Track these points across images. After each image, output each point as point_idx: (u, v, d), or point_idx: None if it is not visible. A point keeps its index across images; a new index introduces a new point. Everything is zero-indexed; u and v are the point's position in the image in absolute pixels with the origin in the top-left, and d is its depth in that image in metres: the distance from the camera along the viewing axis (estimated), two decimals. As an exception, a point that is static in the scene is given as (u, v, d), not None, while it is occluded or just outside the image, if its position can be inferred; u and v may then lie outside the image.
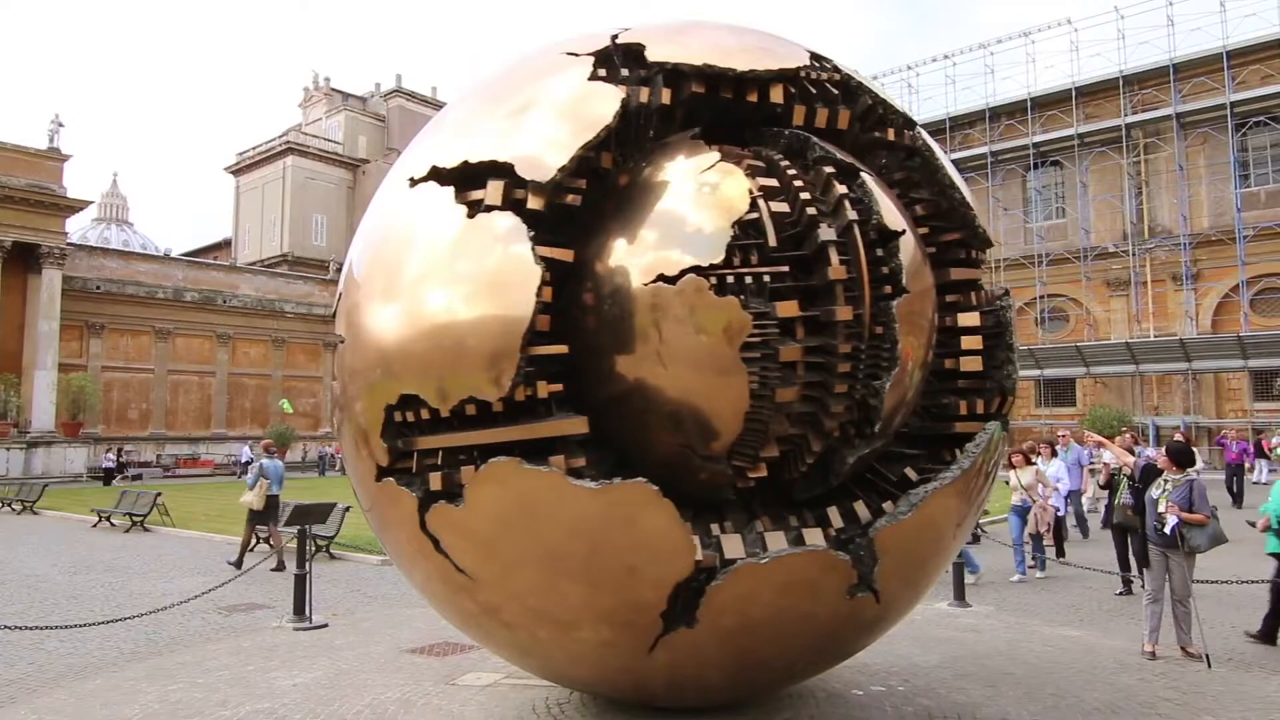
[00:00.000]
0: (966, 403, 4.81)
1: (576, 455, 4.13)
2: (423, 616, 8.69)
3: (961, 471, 4.44)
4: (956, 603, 9.50)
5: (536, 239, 4.09)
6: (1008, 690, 6.24)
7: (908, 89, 44.95)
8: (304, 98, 71.76)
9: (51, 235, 38.34)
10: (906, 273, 4.27)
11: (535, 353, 4.05)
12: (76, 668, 7.74)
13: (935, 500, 4.39)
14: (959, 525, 4.87)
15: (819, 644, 4.77)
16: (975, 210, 4.92)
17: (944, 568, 5.22)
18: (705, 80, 4.47)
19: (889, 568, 4.35)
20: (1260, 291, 36.71)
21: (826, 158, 4.37)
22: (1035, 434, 27.54)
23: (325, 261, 57.81)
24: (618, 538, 4.09)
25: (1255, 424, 33.29)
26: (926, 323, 4.49)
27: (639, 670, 4.66)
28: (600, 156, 4.36)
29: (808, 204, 4.18)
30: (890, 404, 4.26)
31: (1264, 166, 37.82)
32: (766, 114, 4.65)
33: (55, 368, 38.04)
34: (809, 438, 4.24)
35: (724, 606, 4.18)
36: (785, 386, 4.03)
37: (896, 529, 4.31)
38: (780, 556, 4.16)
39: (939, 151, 4.95)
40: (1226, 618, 8.89)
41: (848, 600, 4.35)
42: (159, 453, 42.37)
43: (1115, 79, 39.30)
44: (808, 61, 4.68)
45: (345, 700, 6.18)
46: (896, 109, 4.89)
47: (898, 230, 4.29)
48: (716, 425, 4.12)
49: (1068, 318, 41.71)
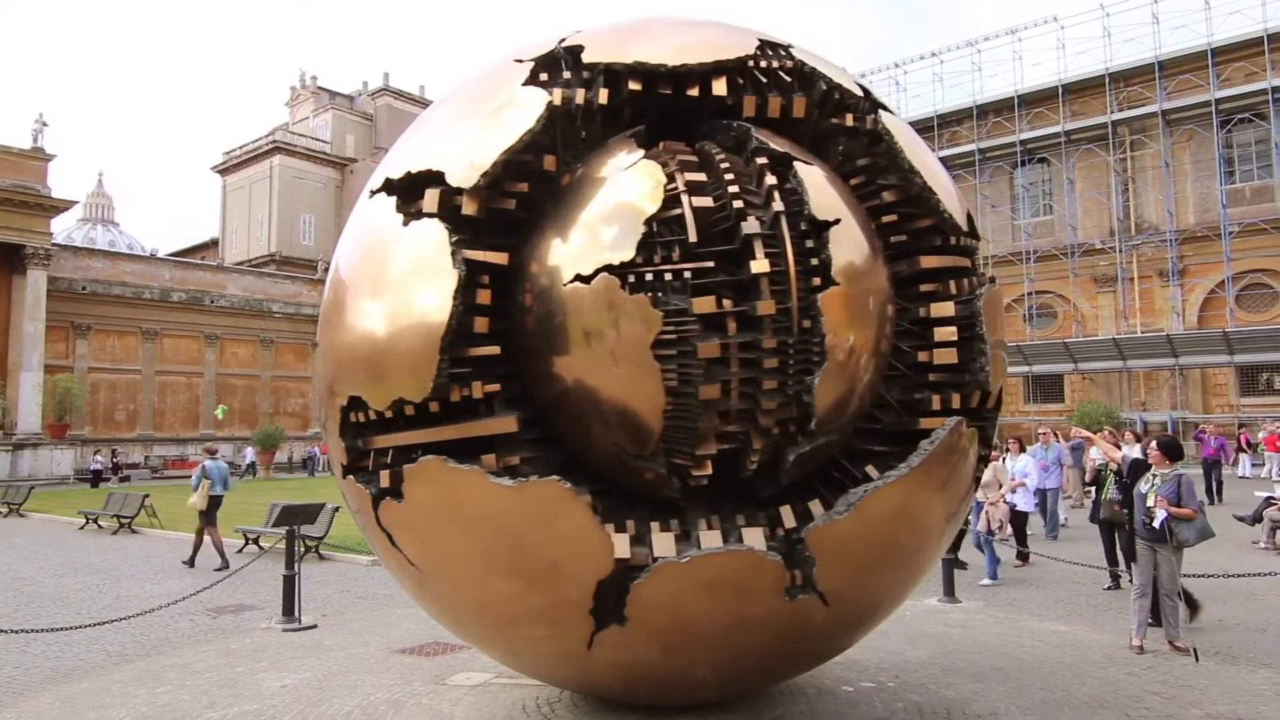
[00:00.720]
0: (940, 397, 4.58)
1: (511, 453, 4.23)
2: (412, 616, 8.66)
3: (910, 469, 4.24)
4: (946, 598, 9.54)
5: (469, 243, 4.23)
6: (997, 685, 6.26)
7: (895, 86, 45.07)
8: (291, 96, 71.45)
9: (36, 236, 38.04)
10: (847, 263, 4.17)
11: (469, 354, 4.20)
12: (63, 670, 7.69)
13: (879, 500, 4.20)
14: (946, 522, 4.78)
15: (766, 647, 4.55)
16: (946, 195, 4.68)
17: (914, 569, 4.89)
18: (641, 78, 4.47)
19: (831, 569, 4.22)
20: (1245, 287, 36.98)
21: (761, 148, 4.32)
22: (1024, 430, 27.66)
23: (313, 261, 57.58)
24: (538, 535, 4.16)
25: (1241, 419, 33.52)
26: (876, 314, 4.35)
27: (585, 667, 4.75)
28: (542, 159, 4.43)
29: (735, 197, 4.14)
30: (831, 399, 4.16)
31: (1249, 163, 38.08)
32: (719, 107, 4.59)
33: (41, 369, 37.76)
34: (751, 435, 4.18)
35: (652, 605, 4.18)
36: (708, 383, 4.01)
37: (831, 530, 4.17)
38: (701, 555, 4.10)
39: (902, 135, 4.72)
40: (1214, 612, 8.94)
41: (788, 602, 4.21)
42: (147, 454, 42.14)
43: (1101, 76, 39.51)
44: (756, 50, 4.57)
45: (335, 701, 6.15)
46: (855, 93, 4.70)
47: (829, 220, 4.15)
48: (639, 423, 4.13)
49: (1055, 314, 41.91)
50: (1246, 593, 9.93)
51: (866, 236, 4.43)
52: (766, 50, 4.62)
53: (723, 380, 4.04)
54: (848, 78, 4.80)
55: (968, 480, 4.72)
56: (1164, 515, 7.22)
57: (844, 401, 4.28)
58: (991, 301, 4.77)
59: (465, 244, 4.22)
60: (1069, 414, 34.70)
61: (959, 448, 4.47)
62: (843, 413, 4.31)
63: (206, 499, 13.56)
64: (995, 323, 4.80)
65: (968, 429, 4.48)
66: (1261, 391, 36.80)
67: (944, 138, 43.27)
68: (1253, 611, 9.21)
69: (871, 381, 4.45)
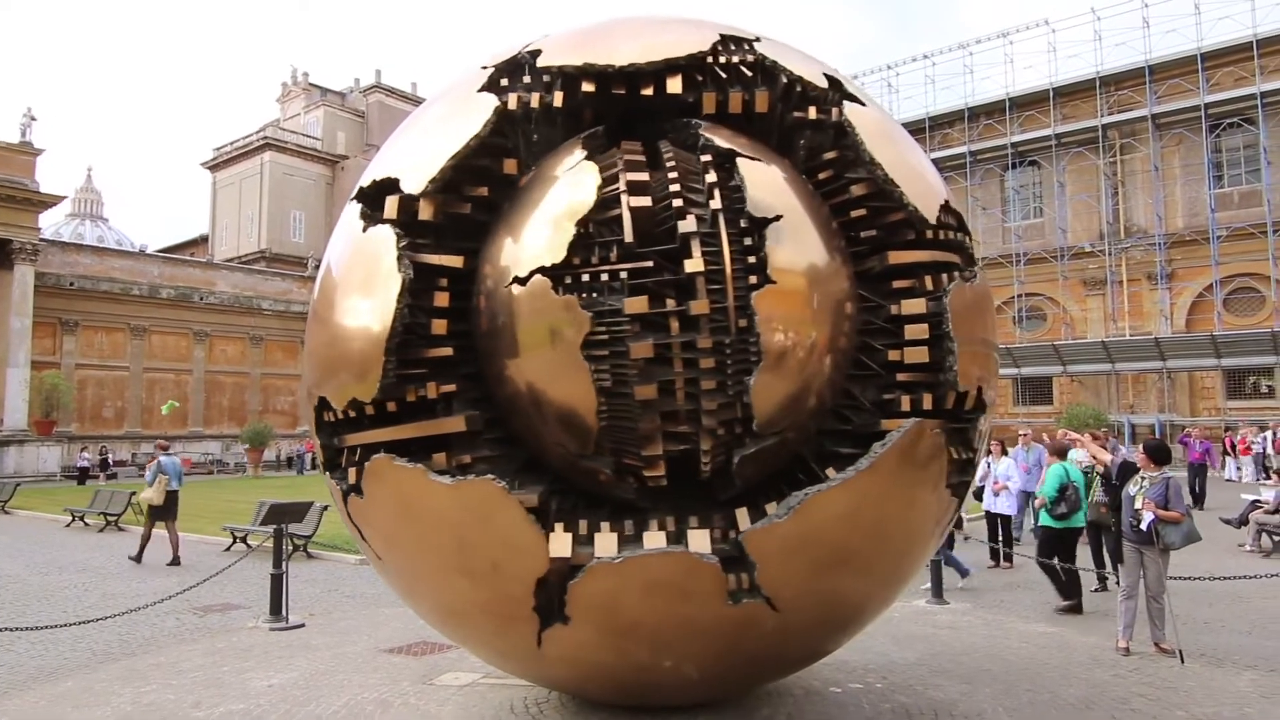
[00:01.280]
0: (912, 398, 4.39)
1: (471, 452, 4.36)
2: (401, 616, 8.64)
3: (857, 473, 4.08)
4: (934, 600, 9.57)
5: (429, 246, 4.39)
6: (984, 687, 6.28)
7: (888, 88, 45.17)
8: (282, 93, 71.15)
9: (24, 231, 37.71)
10: (793, 260, 4.14)
11: (426, 355, 4.35)
12: (48, 669, 7.64)
13: (822, 504, 4.07)
14: (924, 527, 4.66)
15: (716, 650, 4.45)
16: (918, 187, 4.49)
17: (881, 576, 4.69)
18: (594, 79, 4.51)
19: (775, 574, 4.14)
20: (1233, 291, 37.21)
21: (707, 145, 4.31)
22: (1012, 432, 27.78)
23: (303, 258, 57.33)
24: (477, 534, 4.25)
25: (1228, 422, 33.70)
26: (831, 311, 4.27)
27: (540, 664, 4.84)
28: (502, 163, 4.54)
29: (676, 195, 4.13)
30: (775, 399, 4.09)
31: (1237, 167, 38.30)
32: (683, 106, 4.58)
33: (28, 365, 37.47)
34: (700, 437, 4.15)
35: (592, 605, 4.22)
36: (643, 383, 4.01)
37: (770, 533, 4.08)
38: (634, 556, 4.10)
39: (870, 127, 4.55)
40: (1199, 614, 9.00)
41: (732, 606, 4.13)
42: (134, 451, 41.82)
43: (1092, 80, 39.68)
44: (716, 46, 4.53)
45: (322, 701, 6.12)
46: (819, 86, 4.54)
47: (768, 217, 4.09)
48: (577, 424, 4.19)
49: (1045, 317, 42.08)
50: (1232, 595, 9.99)
51: (822, 232, 4.36)
52: (729, 45, 4.57)
53: (660, 381, 4.03)
54: (816, 69, 4.66)
55: (938, 485, 4.45)
56: (1151, 518, 7.25)
57: (794, 401, 4.20)
58: (971, 298, 4.57)
59: (424, 248, 4.37)
60: (1058, 416, 34.83)
61: (917, 451, 4.26)
62: (793, 413, 4.22)
63: (164, 494, 13.76)
64: (977, 320, 4.62)
65: (932, 431, 4.27)
66: (1248, 395, 37.05)
67: (936, 140, 43.38)
68: (1238, 614, 9.26)
69: (832, 380, 4.37)
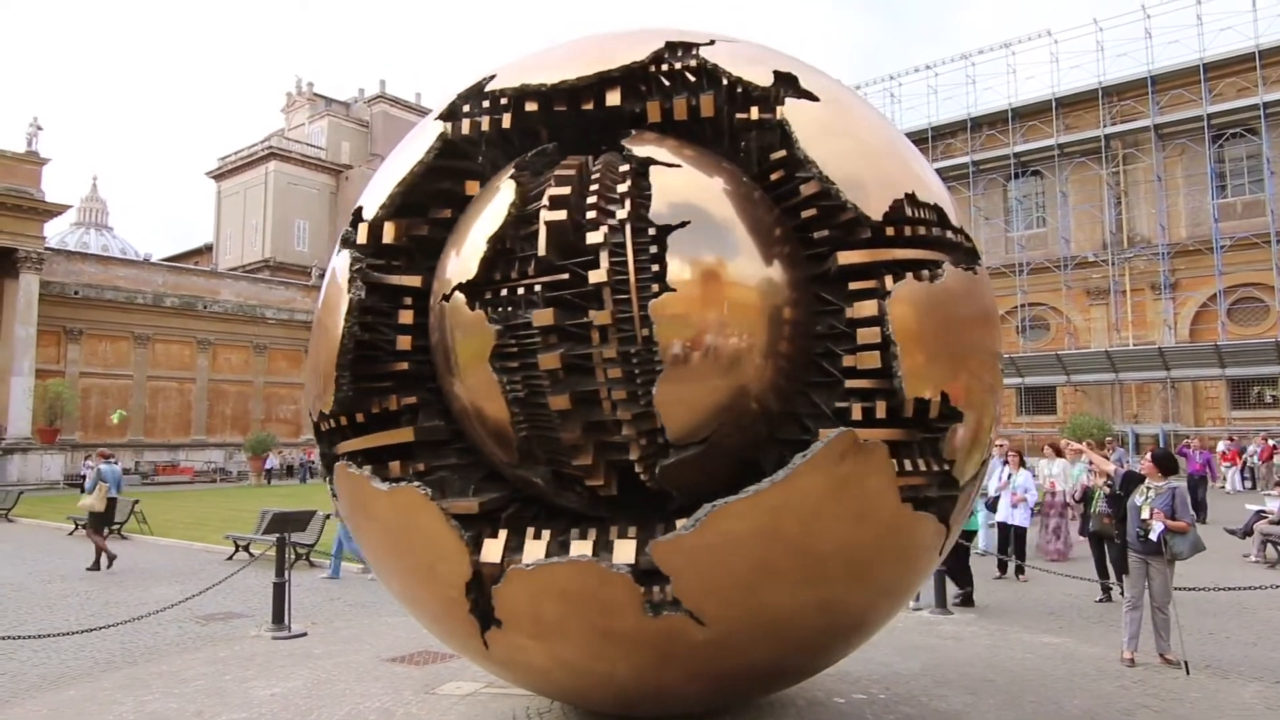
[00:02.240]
0: (862, 406, 4.16)
1: (430, 460, 4.72)
2: (403, 625, 8.62)
3: (772, 484, 3.90)
4: (938, 610, 9.54)
5: (395, 268, 4.77)
6: (988, 698, 6.26)
7: (890, 99, 45.29)
8: (287, 103, 71.41)
9: (29, 240, 37.84)
10: (709, 266, 4.06)
11: (391, 369, 4.76)
12: (51, 678, 7.63)
13: (733, 518, 3.91)
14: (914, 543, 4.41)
15: (645, 661, 4.39)
16: (865, 183, 4.27)
17: (831, 595, 4.38)
18: (534, 99, 4.61)
19: (693, 587, 4.05)
20: (1237, 301, 37.18)
21: (626, 155, 4.34)
22: (1016, 441, 27.70)
23: (307, 267, 57.45)
24: (413, 536, 4.49)
25: (1232, 431, 33.61)
26: (766, 316, 4.15)
27: (494, 664, 5.02)
28: (464, 186, 4.80)
29: (592, 208, 4.17)
30: (692, 406, 4.02)
31: (1240, 177, 38.32)
32: (629, 116, 4.61)
33: (32, 373, 37.53)
34: (630, 446, 4.15)
35: (515, 610, 4.32)
36: (556, 394, 4.07)
37: (677, 545, 3.97)
38: (544, 564, 4.16)
39: (814, 122, 4.36)
40: (1204, 625, 8.97)
41: (653, 618, 4.07)
42: (137, 459, 41.84)
43: (1095, 90, 39.75)
44: (660, 54, 4.50)
45: (324, 710, 6.12)
46: (761, 84, 4.39)
47: (672, 224, 4.02)
48: (498, 435, 4.36)
49: (1048, 326, 42.05)
50: (1237, 606, 9.95)
51: (755, 235, 4.24)
52: (676, 51, 4.54)
53: (576, 391, 4.09)
54: (766, 68, 4.47)
55: (888, 499, 4.12)
56: (1160, 528, 7.22)
57: (721, 408, 4.10)
58: (942, 296, 4.26)
59: (394, 269, 4.75)
60: (1061, 426, 34.77)
61: (846, 463, 3.98)
62: (719, 420, 4.11)
63: (104, 501, 14.11)
64: (945, 320, 4.28)
65: (864, 442, 3.99)
66: (1253, 404, 36.97)
67: (938, 150, 43.45)
68: (1243, 625, 9.23)
69: (777, 385, 4.25)
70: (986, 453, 4.78)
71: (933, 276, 4.22)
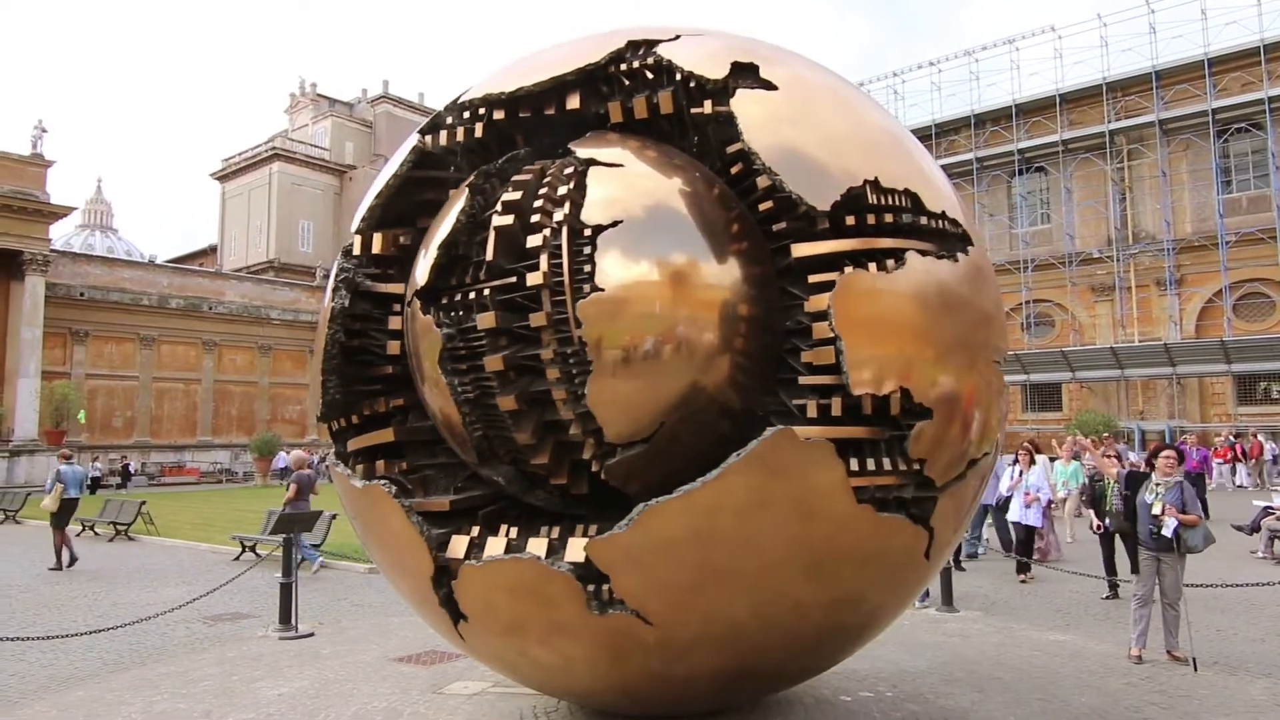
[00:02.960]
0: (819, 403, 4.07)
1: (419, 459, 4.93)
2: (410, 625, 8.64)
3: (704, 484, 3.83)
4: (944, 607, 9.52)
5: (390, 276, 4.98)
6: (996, 695, 6.24)
7: (894, 96, 45.19)
8: (290, 104, 71.50)
9: (35, 242, 38.00)
10: (641, 264, 4.02)
11: (376, 373, 5.02)
12: (59, 678, 7.65)
13: (667, 517, 3.87)
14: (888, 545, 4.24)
15: (601, 659, 4.43)
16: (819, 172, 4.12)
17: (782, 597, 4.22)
18: (500, 107, 4.75)
19: (634, 587, 4.05)
20: (1243, 296, 37.03)
21: (573, 158, 4.36)
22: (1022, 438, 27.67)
23: (312, 268, 57.57)
24: (383, 532, 4.69)
25: (1238, 428, 33.51)
26: (717, 310, 4.07)
27: (470, 654, 5.20)
28: (449, 195, 4.85)
29: (536, 211, 4.21)
30: (630, 405, 3.98)
31: (1245, 172, 38.16)
32: (597, 118, 4.67)
33: (38, 375, 37.68)
34: (582, 444, 4.18)
35: (474, 604, 4.46)
36: (504, 395, 4.15)
37: (612, 544, 3.96)
38: (491, 561, 4.26)
39: (761, 113, 4.26)
40: (1212, 621, 8.95)
41: (600, 616, 4.08)
42: (144, 460, 41.99)
43: (1099, 86, 39.61)
44: (620, 53, 4.51)
45: (331, 710, 6.13)
46: (712, 77, 4.31)
47: (603, 224, 4.02)
48: (453, 435, 4.52)
49: (1053, 323, 41.94)
50: (1245, 602, 9.93)
51: (704, 230, 4.17)
52: (637, 50, 4.53)
53: (520, 392, 4.16)
54: (725, 59, 4.37)
55: (840, 499, 3.98)
56: (1175, 523, 7.19)
57: (663, 407, 4.03)
58: (906, 286, 4.09)
59: (387, 278, 4.99)
60: (1067, 423, 34.70)
61: (785, 461, 3.88)
62: (662, 419, 4.04)
63: (59, 501, 14.30)
64: (906, 315, 4.09)
65: (804, 440, 3.87)
66: (1259, 400, 36.84)
67: (942, 147, 43.32)
68: (1251, 621, 9.21)
69: (736, 381, 4.15)
70: (980, 451, 4.49)
71: (897, 266, 4.07)
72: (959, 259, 4.35)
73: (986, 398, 4.48)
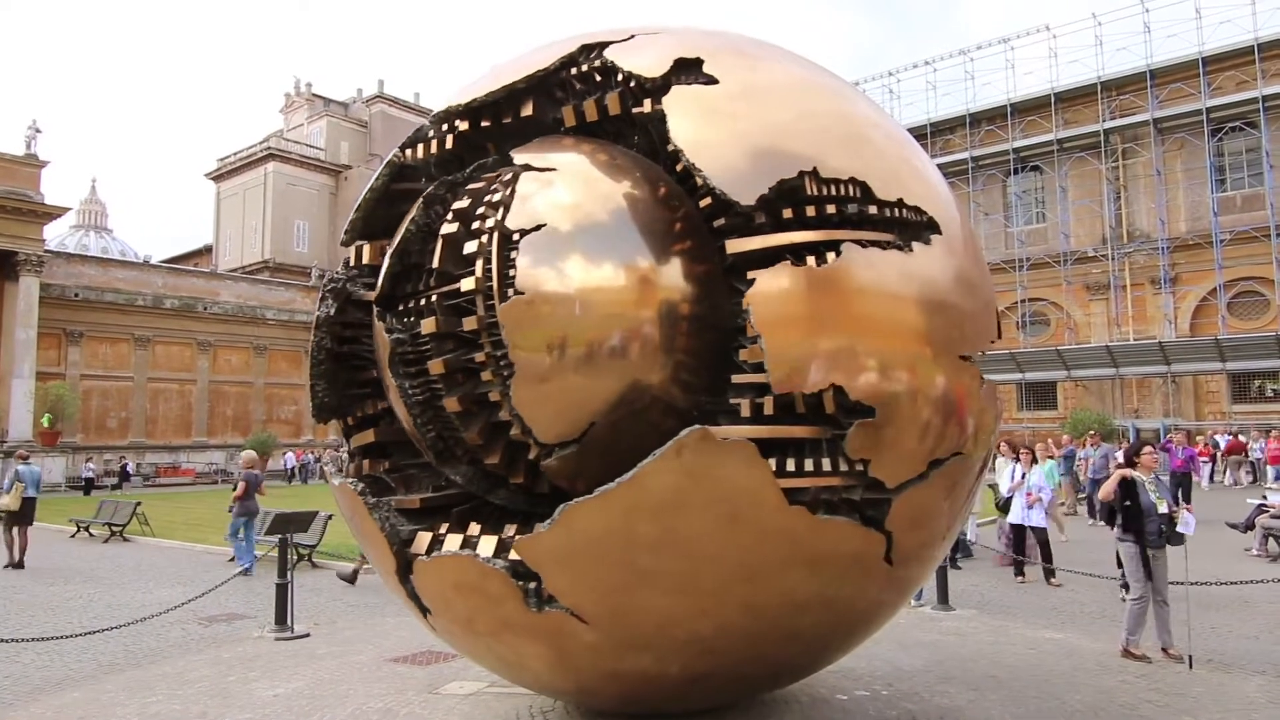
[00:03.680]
0: (751, 401, 3.97)
1: (402, 459, 5.06)
2: (406, 625, 8.62)
3: (618, 485, 3.79)
4: (940, 606, 9.54)
5: (372, 285, 4.99)
6: (991, 693, 6.26)
7: (889, 94, 45.25)
8: (285, 103, 71.34)
9: (29, 242, 37.86)
10: (566, 267, 4.02)
11: (363, 377, 5.18)
12: (54, 680, 7.64)
13: (586, 517, 3.86)
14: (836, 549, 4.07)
15: (547, 655, 4.50)
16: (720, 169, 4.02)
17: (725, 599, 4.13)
18: (463, 117, 4.85)
19: (564, 586, 4.06)
20: (1237, 295, 37.17)
21: (511, 164, 4.42)
22: (1017, 437, 27.72)
23: (307, 268, 57.43)
24: (360, 527, 4.84)
25: (1231, 425, 33.61)
26: (654, 310, 4.04)
27: (443, 643, 5.38)
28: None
29: (477, 218, 4.30)
30: (560, 405, 4.01)
31: (1239, 171, 38.30)
32: (551, 123, 4.73)
33: (33, 376, 37.54)
34: (529, 444, 4.22)
35: (431, 598, 4.61)
36: (449, 396, 4.28)
37: (537, 543, 3.99)
38: (437, 558, 4.39)
39: (693, 107, 4.20)
40: (1206, 619, 8.97)
41: (539, 614, 4.11)
42: (139, 461, 41.91)
43: (1094, 85, 39.73)
44: (573, 57, 4.52)
45: (327, 710, 6.12)
46: (648, 77, 4.28)
47: (526, 228, 4.05)
48: (413, 436, 4.67)
49: (1048, 321, 42.03)
50: (1239, 600, 9.96)
51: (641, 231, 4.14)
52: (589, 54, 4.53)
53: (463, 394, 4.25)
54: (668, 57, 4.32)
55: (768, 501, 3.85)
56: (1192, 518, 7.26)
57: (594, 407, 4.01)
58: (837, 283, 3.94)
59: (371, 286, 4.99)
60: (1062, 421, 34.78)
61: (702, 462, 3.77)
62: (593, 419, 4.02)
63: (19, 500, 14.49)
64: (842, 310, 3.96)
65: (719, 440, 3.78)
66: (1254, 399, 36.96)
67: (938, 145, 43.41)
68: (1245, 618, 9.24)
69: (680, 380, 4.10)
70: (948, 451, 4.24)
71: (823, 261, 3.92)
72: (914, 249, 4.15)
73: (950, 395, 4.22)
